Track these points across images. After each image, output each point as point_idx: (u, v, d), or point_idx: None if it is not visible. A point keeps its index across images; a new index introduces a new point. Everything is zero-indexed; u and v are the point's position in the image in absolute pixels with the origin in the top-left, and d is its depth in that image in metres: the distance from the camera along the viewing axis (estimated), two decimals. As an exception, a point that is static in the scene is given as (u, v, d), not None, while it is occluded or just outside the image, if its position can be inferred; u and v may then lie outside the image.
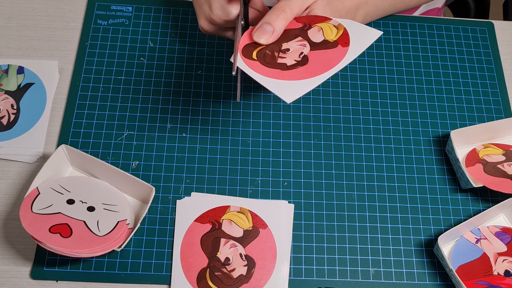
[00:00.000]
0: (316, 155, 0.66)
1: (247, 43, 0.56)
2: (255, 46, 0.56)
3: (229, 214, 0.61)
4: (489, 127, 0.66)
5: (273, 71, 0.54)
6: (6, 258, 0.59)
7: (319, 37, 0.56)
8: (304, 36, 0.57)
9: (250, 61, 0.55)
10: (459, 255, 0.60)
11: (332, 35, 0.56)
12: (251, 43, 0.56)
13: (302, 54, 0.55)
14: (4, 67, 0.68)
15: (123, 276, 0.58)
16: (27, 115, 0.65)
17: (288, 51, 0.56)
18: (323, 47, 0.55)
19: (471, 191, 0.65)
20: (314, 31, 0.57)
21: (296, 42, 0.56)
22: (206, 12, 0.61)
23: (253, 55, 0.56)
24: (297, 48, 0.56)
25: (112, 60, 0.70)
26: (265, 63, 0.55)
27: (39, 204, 0.56)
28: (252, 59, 0.55)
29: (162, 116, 0.67)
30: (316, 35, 0.56)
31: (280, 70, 0.54)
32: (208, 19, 0.61)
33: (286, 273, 0.59)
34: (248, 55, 0.55)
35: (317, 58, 0.54)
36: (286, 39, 0.57)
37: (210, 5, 0.60)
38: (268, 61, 0.55)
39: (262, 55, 0.55)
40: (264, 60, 0.55)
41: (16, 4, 0.73)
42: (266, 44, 0.56)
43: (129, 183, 0.59)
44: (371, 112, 0.69)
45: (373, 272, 0.60)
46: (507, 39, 0.77)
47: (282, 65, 0.54)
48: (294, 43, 0.56)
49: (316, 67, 0.53)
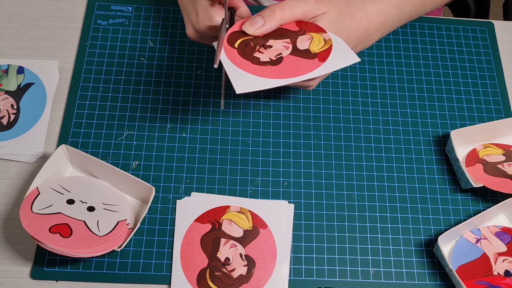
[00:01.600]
0: (316, 155, 0.66)
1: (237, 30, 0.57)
2: (243, 36, 0.57)
3: (229, 214, 0.61)
4: (489, 127, 0.66)
5: (244, 62, 0.54)
6: (6, 258, 0.59)
7: (304, 44, 0.56)
8: (293, 39, 0.57)
9: (229, 48, 0.55)
10: (459, 255, 0.60)
11: (317, 47, 0.56)
12: (241, 32, 0.57)
13: (280, 55, 0.56)
14: (4, 67, 0.68)
15: (123, 276, 0.58)
16: (27, 115, 0.65)
17: (269, 48, 0.56)
18: (302, 55, 0.55)
19: (471, 191, 0.65)
20: (304, 38, 0.57)
21: (282, 42, 0.57)
22: (193, 20, 0.61)
23: (236, 43, 0.56)
24: (279, 48, 0.56)
25: (112, 60, 0.70)
26: (242, 53, 0.55)
27: (39, 204, 0.56)
28: (232, 47, 0.56)
29: (162, 116, 0.67)
30: (303, 42, 0.56)
31: (250, 63, 0.54)
32: (194, 27, 0.61)
33: (286, 273, 0.59)
34: (231, 42, 0.56)
35: (290, 63, 0.55)
36: (274, 37, 0.57)
37: (197, 13, 0.60)
38: (246, 52, 0.55)
39: (244, 45, 0.56)
40: (243, 50, 0.56)
41: (16, 4, 0.73)
42: (252, 35, 0.57)
43: (129, 183, 0.59)
44: (371, 112, 0.69)
45: (373, 272, 0.60)
46: (507, 39, 0.77)
47: (255, 59, 0.55)
48: (279, 43, 0.57)
49: (283, 71, 0.54)
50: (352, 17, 0.61)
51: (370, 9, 0.63)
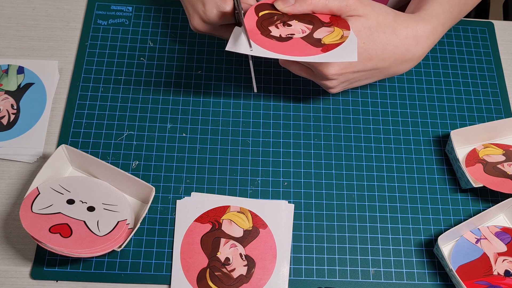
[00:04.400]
0: (316, 155, 0.66)
1: (270, 3, 0.58)
2: (272, 9, 0.57)
3: (229, 214, 0.61)
4: (489, 127, 0.66)
5: (255, 30, 0.55)
6: (6, 258, 0.59)
7: (321, 35, 0.56)
8: (315, 28, 0.56)
9: (252, 14, 0.57)
10: (459, 255, 0.60)
11: (329, 40, 0.55)
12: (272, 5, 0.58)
13: (292, 35, 0.56)
14: (4, 67, 0.68)
15: (123, 276, 0.58)
16: (27, 115, 0.65)
17: (288, 26, 0.56)
18: (311, 42, 0.55)
19: (471, 191, 0.65)
20: (325, 30, 0.56)
21: (302, 26, 0.56)
22: (199, 10, 0.60)
23: (261, 12, 0.57)
24: (295, 29, 0.56)
25: (112, 60, 0.70)
26: (259, 23, 0.56)
27: (39, 204, 0.56)
28: (256, 14, 0.57)
29: (162, 116, 0.67)
30: (322, 32, 0.56)
31: (260, 33, 0.55)
32: (202, 17, 0.60)
33: (286, 273, 0.59)
34: (258, 10, 0.57)
35: (294, 45, 0.55)
36: (300, 19, 0.57)
37: (204, 3, 0.59)
38: (264, 24, 0.56)
39: (267, 17, 0.57)
40: (262, 21, 0.56)
41: (16, 4, 0.73)
42: (279, 10, 0.57)
43: (129, 183, 0.59)
44: (371, 112, 0.69)
45: (373, 272, 0.60)
46: (507, 39, 0.77)
47: (266, 31, 0.55)
48: (300, 25, 0.56)
49: (281, 48, 0.54)
50: (395, 32, 0.58)
51: (421, 29, 0.59)
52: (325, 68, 0.58)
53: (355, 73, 0.59)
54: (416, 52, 0.59)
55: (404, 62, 0.60)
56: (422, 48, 0.60)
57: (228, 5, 0.58)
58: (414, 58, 0.60)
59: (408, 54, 0.59)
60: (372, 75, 0.61)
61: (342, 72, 0.58)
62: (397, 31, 0.58)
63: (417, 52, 0.59)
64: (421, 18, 0.59)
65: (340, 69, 0.58)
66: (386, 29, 0.58)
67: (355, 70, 0.59)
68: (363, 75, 0.60)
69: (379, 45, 0.58)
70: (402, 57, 0.59)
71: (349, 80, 0.60)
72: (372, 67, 0.59)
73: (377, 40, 0.57)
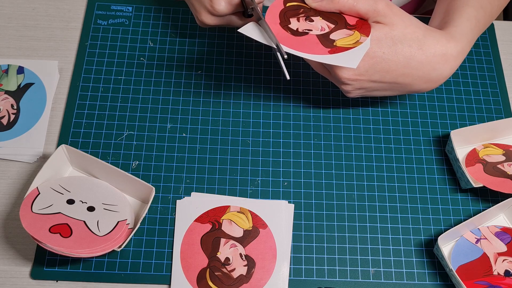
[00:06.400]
0: (316, 155, 0.66)
1: None
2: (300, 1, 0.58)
3: (229, 214, 0.61)
4: (489, 127, 0.66)
5: (275, 19, 0.56)
6: (6, 258, 0.59)
7: (338, 36, 0.55)
8: (336, 28, 0.56)
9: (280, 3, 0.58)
10: (459, 255, 0.60)
11: (342, 42, 0.54)
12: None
13: (309, 31, 0.55)
14: (4, 67, 0.68)
15: (123, 276, 0.58)
16: (27, 115, 0.65)
17: (310, 21, 0.56)
18: (323, 41, 0.55)
19: (471, 191, 0.65)
20: (344, 32, 0.55)
21: (324, 23, 0.56)
22: (206, 4, 0.59)
23: (290, 3, 0.58)
24: (315, 26, 0.56)
25: (112, 60, 0.70)
26: (282, 13, 0.57)
27: (39, 204, 0.56)
28: (283, 3, 0.58)
29: (162, 116, 0.67)
30: (339, 34, 0.55)
31: (277, 23, 0.56)
32: (210, 11, 0.60)
33: (286, 273, 0.59)
34: (286, 1, 0.58)
35: (305, 41, 0.54)
36: (325, 17, 0.57)
37: None
38: (287, 14, 0.57)
39: (293, 8, 0.57)
40: (286, 11, 0.57)
41: (16, 4, 0.73)
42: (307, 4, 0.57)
43: (129, 183, 0.59)
44: (371, 112, 0.69)
45: (373, 272, 0.60)
46: (507, 39, 0.77)
47: (285, 22, 0.56)
48: (322, 22, 0.56)
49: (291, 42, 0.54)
50: (422, 48, 0.55)
51: (452, 48, 0.56)
52: (339, 71, 0.57)
53: (372, 83, 0.58)
54: (443, 71, 0.57)
55: (429, 81, 0.57)
56: (451, 67, 0.57)
57: None
58: (441, 77, 0.57)
59: (434, 73, 0.56)
60: (393, 88, 0.59)
61: (356, 78, 0.57)
62: (425, 47, 0.55)
63: (444, 71, 0.57)
64: (452, 36, 0.56)
65: (354, 75, 0.57)
66: (412, 43, 0.55)
67: (372, 80, 0.57)
68: (382, 86, 0.59)
69: (401, 58, 0.55)
70: (427, 75, 0.57)
71: (366, 88, 0.59)
72: (392, 80, 0.57)
73: (400, 52, 0.55)
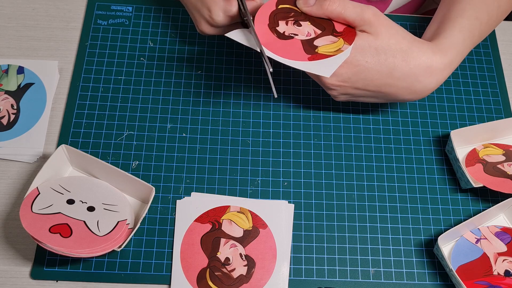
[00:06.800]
0: (316, 155, 0.66)
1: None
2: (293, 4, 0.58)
3: (229, 214, 0.61)
4: (489, 127, 0.66)
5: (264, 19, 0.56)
6: (6, 258, 0.59)
7: (321, 42, 0.56)
8: (323, 34, 0.56)
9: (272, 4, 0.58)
10: (459, 255, 0.60)
11: (324, 49, 0.55)
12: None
13: (294, 35, 0.56)
14: (4, 67, 0.68)
15: (123, 276, 0.58)
16: (27, 115, 0.65)
17: (298, 26, 0.56)
18: (306, 47, 0.55)
19: (471, 191, 0.65)
20: (329, 39, 0.55)
21: (311, 29, 0.56)
22: (206, 15, 0.60)
23: (282, 5, 0.58)
24: (302, 31, 0.56)
25: (112, 60, 0.70)
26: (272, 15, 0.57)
27: (39, 204, 0.56)
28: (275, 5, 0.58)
29: (162, 116, 0.67)
30: (324, 41, 0.56)
31: (265, 25, 0.56)
32: (209, 22, 0.60)
33: (286, 273, 0.59)
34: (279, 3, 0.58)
35: (289, 45, 0.55)
36: (315, 23, 0.57)
37: (209, 8, 0.59)
38: (277, 16, 0.57)
39: (285, 11, 0.57)
40: (276, 13, 0.57)
41: (16, 4, 0.73)
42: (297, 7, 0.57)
43: (129, 183, 0.59)
44: (371, 112, 0.69)
45: (373, 272, 0.60)
46: (507, 39, 0.77)
47: (273, 23, 0.56)
48: (309, 27, 0.56)
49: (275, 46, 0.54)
50: (406, 59, 0.55)
51: (438, 61, 0.56)
52: (323, 77, 0.58)
53: (356, 90, 0.59)
54: (428, 84, 0.56)
55: (414, 93, 0.57)
56: (437, 80, 0.56)
57: (233, 6, 0.58)
58: (425, 90, 0.57)
59: (418, 85, 0.56)
60: (378, 96, 0.60)
61: (340, 84, 0.58)
62: (409, 58, 0.55)
63: (429, 84, 0.56)
64: (439, 49, 0.56)
65: (337, 81, 0.58)
66: (396, 54, 0.55)
67: (355, 87, 0.58)
68: (367, 94, 0.60)
69: (384, 68, 0.55)
70: (411, 86, 0.56)
71: (351, 94, 0.60)
72: (375, 89, 0.58)
73: (383, 63, 0.55)
